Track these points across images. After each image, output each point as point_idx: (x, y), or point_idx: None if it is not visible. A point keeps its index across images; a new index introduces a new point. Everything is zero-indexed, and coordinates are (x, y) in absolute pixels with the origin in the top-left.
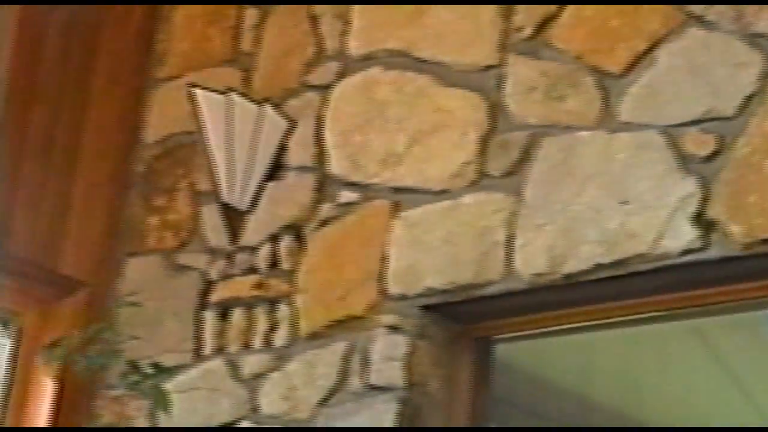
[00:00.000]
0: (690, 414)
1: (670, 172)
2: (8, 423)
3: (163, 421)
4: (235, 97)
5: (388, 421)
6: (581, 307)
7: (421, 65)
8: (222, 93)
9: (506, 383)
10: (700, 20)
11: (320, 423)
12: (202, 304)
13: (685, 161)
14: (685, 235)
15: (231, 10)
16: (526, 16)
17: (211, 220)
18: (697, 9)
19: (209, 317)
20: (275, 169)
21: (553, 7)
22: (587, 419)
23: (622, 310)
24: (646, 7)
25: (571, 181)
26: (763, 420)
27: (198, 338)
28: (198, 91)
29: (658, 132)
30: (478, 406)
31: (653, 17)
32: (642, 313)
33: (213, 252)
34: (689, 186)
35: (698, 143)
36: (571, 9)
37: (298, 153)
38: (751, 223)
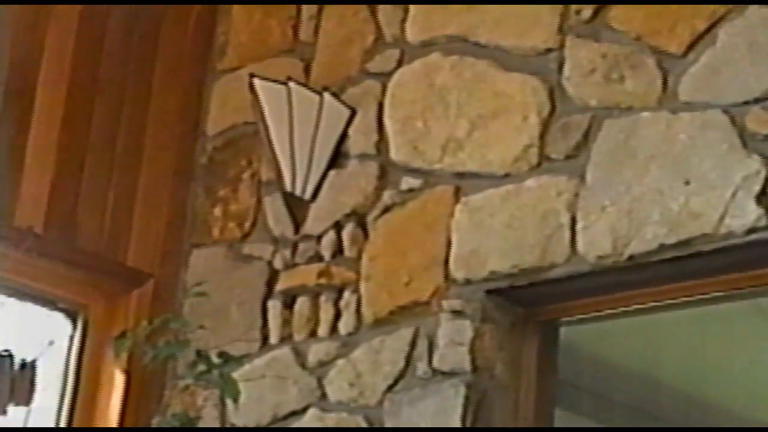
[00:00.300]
0: (756, 393)
1: (732, 151)
2: (78, 415)
3: (231, 410)
4: (295, 87)
5: (456, 406)
6: (646, 288)
7: (480, 50)
8: (282, 83)
9: (571, 366)
10: None
11: (387, 409)
12: (268, 294)
13: (747, 140)
14: (750, 213)
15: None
16: None
17: (274, 209)
18: None
19: (274, 306)
20: (336, 158)
21: None
22: (653, 401)
23: (687, 291)
24: None
25: (633, 162)
26: None
27: (264, 327)
28: (258, 82)
29: (719, 111)
30: (545, 389)
31: None
32: (707, 293)
33: (277, 241)
34: (753, 164)
35: (760, 121)
36: None
37: (359, 141)
38: None
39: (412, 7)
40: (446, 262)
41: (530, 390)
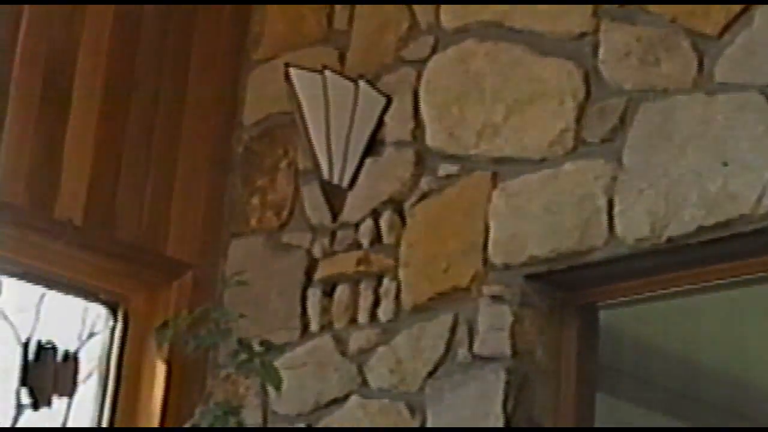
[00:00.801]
0: None
1: None
2: (121, 405)
3: (273, 399)
4: (331, 75)
5: (497, 391)
6: (685, 270)
7: (515, 35)
8: (317, 72)
9: (612, 349)
10: None
11: (428, 395)
12: (307, 282)
13: None
14: None
15: None
16: None
17: (312, 198)
18: None
19: (314, 294)
20: (373, 145)
21: None
22: (695, 383)
23: (726, 272)
24: None
25: (670, 144)
26: None
27: (304, 315)
28: (293, 71)
29: (756, 92)
30: (585, 373)
31: None
32: (746, 274)
33: (315, 230)
34: None
35: None
36: None
37: (396, 128)
38: None
39: None
40: (485, 247)
41: (571, 374)
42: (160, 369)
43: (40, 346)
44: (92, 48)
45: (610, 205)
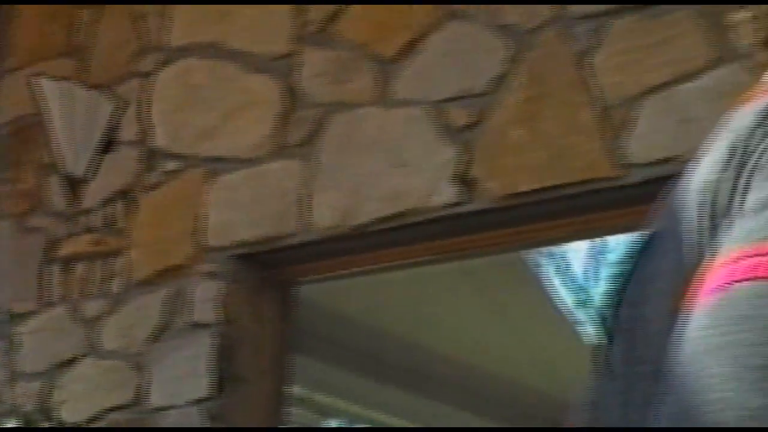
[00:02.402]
0: (462, 340)
1: (436, 140)
2: None
3: (19, 358)
4: (74, 84)
5: (207, 353)
6: (368, 253)
7: (230, 54)
8: (63, 80)
9: (311, 318)
10: (459, 15)
11: (152, 356)
12: (49, 260)
13: (449, 131)
14: (448, 192)
15: (70, 8)
16: (317, 12)
17: (56, 188)
18: (458, 6)
19: (55, 270)
20: (109, 144)
21: (340, 5)
22: (381, 347)
23: (402, 255)
24: (416, 5)
25: (356, 149)
26: (521, 343)
27: (46, 288)
28: (42, 79)
29: (427, 106)
30: (285, 338)
31: (422, 12)
32: (418, 256)
33: (58, 215)
34: (452, 151)
35: (459, 116)
36: (355, 6)
37: (129, 129)
38: (504, 181)
39: (175, 17)
40: (201, 232)
41: (272, 338)
42: None
43: None
44: None
45: (306, 198)
